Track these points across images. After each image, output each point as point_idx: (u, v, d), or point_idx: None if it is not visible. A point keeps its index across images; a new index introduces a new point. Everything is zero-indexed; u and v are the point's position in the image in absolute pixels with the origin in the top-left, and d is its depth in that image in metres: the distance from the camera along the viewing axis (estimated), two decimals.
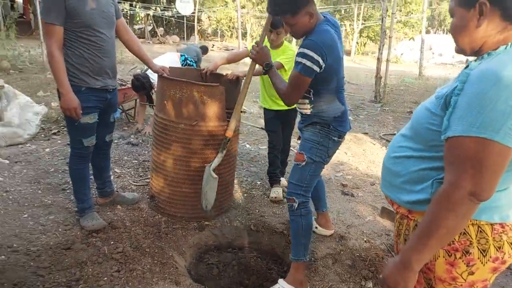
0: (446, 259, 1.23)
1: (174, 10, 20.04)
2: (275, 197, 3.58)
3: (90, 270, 2.37)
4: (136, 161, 4.24)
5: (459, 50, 1.27)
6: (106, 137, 2.98)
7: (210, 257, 2.93)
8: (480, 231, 1.19)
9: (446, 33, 26.09)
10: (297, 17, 2.18)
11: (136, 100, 5.95)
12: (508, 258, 1.22)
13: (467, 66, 1.27)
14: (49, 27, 2.43)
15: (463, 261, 1.21)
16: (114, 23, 2.75)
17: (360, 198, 3.91)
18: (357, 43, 21.85)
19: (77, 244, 2.59)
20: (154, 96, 5.24)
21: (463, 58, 20.32)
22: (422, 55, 13.77)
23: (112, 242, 2.65)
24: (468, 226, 1.20)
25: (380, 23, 10.05)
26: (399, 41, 22.08)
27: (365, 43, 23.17)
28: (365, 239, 3.09)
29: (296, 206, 2.44)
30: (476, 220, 1.19)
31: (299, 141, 2.61)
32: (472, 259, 1.20)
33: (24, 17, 19.27)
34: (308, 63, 2.12)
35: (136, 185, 3.63)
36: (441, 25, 29.12)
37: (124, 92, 5.30)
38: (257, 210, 3.38)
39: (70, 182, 3.40)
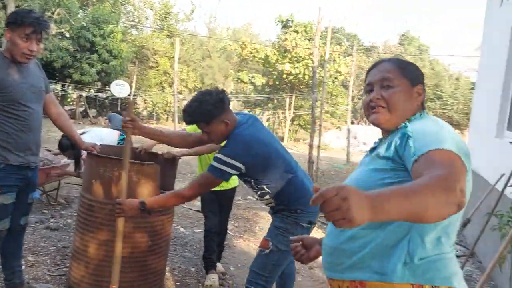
0: None
1: (109, 92, 20.05)
2: (211, 285, 3.32)
3: None
4: (54, 247, 3.80)
5: (385, 120, 1.34)
6: (21, 219, 2.66)
7: None
8: None
9: (368, 125, 28.50)
10: (211, 126, 2.26)
11: (59, 181, 5.54)
12: None
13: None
14: None
15: None
16: (43, 97, 2.62)
17: (299, 283, 3.76)
18: (289, 130, 23.01)
19: None
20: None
21: None
22: (349, 143, 14.74)
23: None
24: None
25: (310, 112, 10.73)
26: (327, 130, 23.66)
27: (297, 130, 24.47)
28: None
29: None
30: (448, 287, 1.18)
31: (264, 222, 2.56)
32: None
33: None
34: (222, 167, 2.20)
35: (52, 275, 3.20)
36: (363, 117, 31.89)
37: (47, 171, 4.92)
38: None
39: None
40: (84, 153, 4.81)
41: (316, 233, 5.49)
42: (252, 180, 2.31)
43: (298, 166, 2.49)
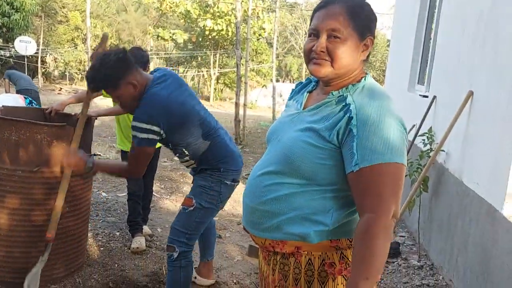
0: (343, 285, 1.25)
1: (13, 50, 18.10)
2: (137, 248, 3.25)
3: None
4: None
5: (326, 71, 1.24)
6: None
7: None
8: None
9: (293, 82, 29.10)
10: (119, 90, 2.11)
11: None
12: None
13: (305, 85, 1.42)
14: None
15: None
16: None
17: (228, 239, 3.84)
18: (214, 89, 22.72)
19: None
20: None
21: None
22: (274, 101, 14.94)
23: None
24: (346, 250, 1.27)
25: (235, 70, 10.63)
26: (253, 88, 23.74)
27: (222, 89, 24.24)
28: (234, 281, 3.00)
29: (176, 255, 2.25)
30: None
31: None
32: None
33: None
34: (143, 135, 2.08)
35: None
36: (287, 75, 32.45)
37: None
38: (116, 265, 3.02)
39: None
40: None
41: (243, 189, 5.60)
42: (170, 143, 2.23)
43: (219, 125, 2.44)
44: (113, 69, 2.03)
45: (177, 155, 2.30)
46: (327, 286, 1.24)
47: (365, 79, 1.27)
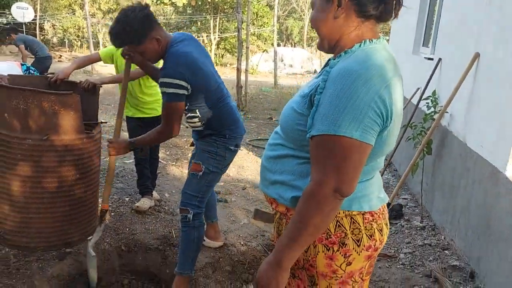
0: (325, 254, 1.24)
1: (10, 16, 17.74)
2: (137, 207, 3.37)
3: None
4: None
5: (319, 44, 1.29)
6: None
7: (76, 287, 2.57)
8: (353, 222, 1.24)
9: (294, 46, 28.61)
10: (144, 46, 2.14)
11: None
12: (379, 245, 1.29)
13: (326, 64, 1.32)
14: None
15: (340, 253, 1.23)
16: None
17: (234, 203, 3.92)
18: (215, 54, 22.40)
19: None
20: None
21: (310, 68, 22.50)
22: (276, 66, 14.77)
23: None
24: (342, 218, 1.23)
25: (236, 34, 10.46)
26: (254, 53, 23.38)
27: (223, 54, 23.87)
28: (242, 243, 3.09)
29: (191, 217, 2.35)
30: (348, 211, 1.23)
31: (192, 147, 2.59)
32: (348, 250, 1.23)
33: None
34: (171, 90, 2.10)
35: None
36: (288, 39, 31.86)
37: None
38: (127, 229, 3.11)
39: None
40: None
41: (248, 155, 5.66)
42: (187, 102, 2.24)
43: (228, 92, 2.49)
44: (140, 23, 2.04)
45: (188, 115, 2.33)
46: (308, 251, 1.26)
47: (360, 45, 1.18)
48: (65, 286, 2.55)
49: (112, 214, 3.32)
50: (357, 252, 1.24)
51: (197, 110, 2.29)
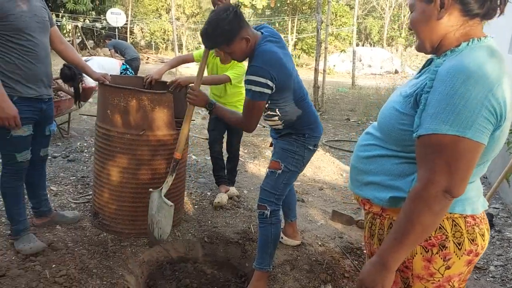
0: (423, 256, 1.22)
1: (105, 22, 19.36)
2: (218, 202, 3.50)
3: None
4: (74, 177, 3.94)
5: (420, 46, 1.27)
6: (41, 151, 2.72)
7: (163, 273, 2.76)
8: (455, 225, 1.20)
9: (373, 46, 27.72)
10: (233, 45, 2.17)
11: (70, 114, 5.59)
12: (480, 250, 1.24)
13: (428, 64, 1.30)
14: None
15: (439, 256, 1.20)
16: (48, 28, 2.55)
17: (311, 203, 3.93)
18: (292, 55, 22.48)
19: (13, 270, 2.31)
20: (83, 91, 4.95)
21: (391, 68, 21.66)
22: (354, 66, 14.45)
23: (53, 265, 2.40)
24: (443, 220, 1.20)
25: (315, 34, 10.40)
26: (331, 53, 23.07)
27: (299, 55, 23.88)
28: (319, 243, 3.10)
29: (268, 214, 2.41)
30: (451, 214, 1.20)
31: (270, 148, 2.62)
32: (448, 253, 1.20)
33: None
34: (257, 88, 2.12)
35: (76, 202, 3.35)
36: (367, 38, 30.93)
37: (57, 105, 4.93)
38: (209, 222, 3.27)
39: (0, 203, 3.07)
40: (89, 82, 4.82)
41: (325, 156, 5.62)
42: (269, 102, 2.28)
43: (307, 92, 2.50)
44: (231, 25, 2.09)
45: (267, 113, 2.36)
46: None
47: (468, 44, 1.15)
48: (154, 271, 2.75)
49: (196, 207, 3.51)
50: (457, 256, 1.20)
51: (277, 109, 2.32)
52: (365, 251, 1.66)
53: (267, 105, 2.31)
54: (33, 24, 2.39)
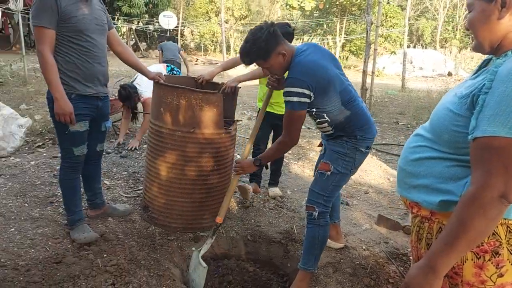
0: (474, 262, 1.18)
1: (157, 24, 20.05)
2: (275, 194, 3.80)
3: (84, 284, 2.25)
4: (126, 172, 4.12)
5: (478, 46, 1.24)
6: (97, 146, 2.89)
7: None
8: (510, 231, 1.16)
9: (425, 48, 26.75)
10: (270, 61, 2.27)
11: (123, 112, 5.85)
12: None
13: (485, 64, 1.26)
14: (41, 31, 2.36)
15: (492, 263, 1.16)
16: (106, 30, 2.71)
17: (355, 207, 3.88)
18: (339, 57, 22.17)
19: (68, 258, 2.47)
20: (140, 109, 5.17)
21: (443, 71, 20.80)
22: (404, 68, 14.03)
23: (105, 255, 2.54)
24: (497, 226, 1.16)
25: (365, 35, 10.22)
26: (380, 55, 22.50)
27: (347, 56, 23.50)
28: (363, 247, 3.05)
29: (316, 215, 2.42)
30: (505, 219, 1.15)
31: (319, 148, 2.65)
32: (502, 260, 1.16)
33: (3, 31, 18.93)
34: (295, 99, 2.20)
35: (127, 196, 3.52)
36: (419, 40, 29.88)
37: (112, 103, 5.19)
38: (252, 220, 3.31)
39: (58, 194, 3.29)
40: (147, 94, 5.01)
41: (372, 159, 5.51)
42: (314, 109, 2.31)
43: (357, 93, 2.47)
44: (266, 42, 2.20)
45: (317, 120, 2.39)
46: None
47: None
48: None
49: (239, 205, 3.56)
50: (511, 264, 1.16)
51: (324, 115, 2.32)
52: (411, 257, 1.62)
53: (314, 112, 2.33)
54: (93, 26, 2.55)
